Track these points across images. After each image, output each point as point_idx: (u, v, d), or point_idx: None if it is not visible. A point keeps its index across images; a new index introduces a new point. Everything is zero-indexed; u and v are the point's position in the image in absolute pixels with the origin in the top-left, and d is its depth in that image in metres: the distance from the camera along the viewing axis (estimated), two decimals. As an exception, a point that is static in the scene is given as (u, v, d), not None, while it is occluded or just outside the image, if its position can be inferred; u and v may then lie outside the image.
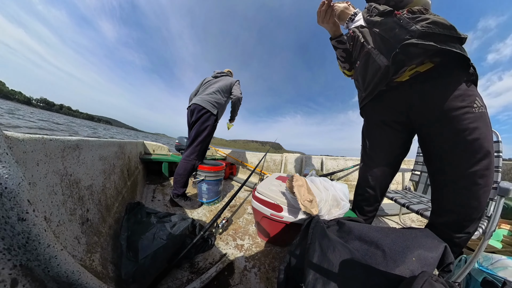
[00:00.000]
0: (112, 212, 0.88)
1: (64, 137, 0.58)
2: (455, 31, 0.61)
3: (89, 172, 0.71)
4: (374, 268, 0.50)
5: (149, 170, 2.27)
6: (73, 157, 0.61)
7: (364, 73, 0.85)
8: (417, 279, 0.38)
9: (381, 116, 0.90)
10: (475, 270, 0.72)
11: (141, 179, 1.82)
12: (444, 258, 0.54)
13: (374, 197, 1.00)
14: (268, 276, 0.91)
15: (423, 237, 0.58)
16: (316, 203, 0.92)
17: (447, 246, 0.55)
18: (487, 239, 0.69)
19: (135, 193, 1.40)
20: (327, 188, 1.02)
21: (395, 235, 0.59)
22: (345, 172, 2.55)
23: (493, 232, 0.70)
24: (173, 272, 0.84)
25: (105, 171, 0.88)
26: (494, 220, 0.70)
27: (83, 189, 0.65)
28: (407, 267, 0.48)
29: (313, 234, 0.70)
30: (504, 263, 0.71)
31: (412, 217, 1.77)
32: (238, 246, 1.10)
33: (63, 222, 0.51)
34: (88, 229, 0.63)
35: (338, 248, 0.58)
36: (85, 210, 0.64)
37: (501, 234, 1.07)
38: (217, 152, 3.42)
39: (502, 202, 0.71)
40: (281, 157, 2.91)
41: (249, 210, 1.64)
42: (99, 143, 0.83)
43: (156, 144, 2.51)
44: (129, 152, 1.46)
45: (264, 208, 1.04)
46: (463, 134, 0.62)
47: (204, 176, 1.56)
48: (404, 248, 0.54)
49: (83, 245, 0.57)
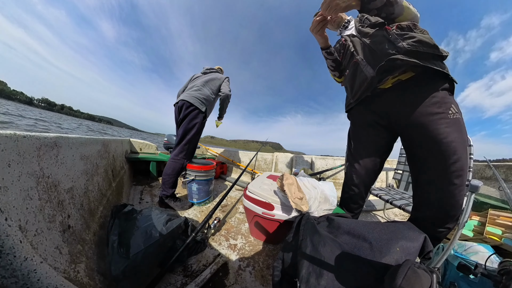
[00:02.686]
0: (96, 217, 0.83)
1: (39, 133, 0.52)
2: (437, 49, 0.68)
3: (69, 173, 0.66)
4: (363, 259, 0.53)
5: (136, 170, 2.16)
6: (50, 156, 0.55)
7: (352, 82, 0.92)
8: (401, 267, 0.40)
9: (366, 119, 0.96)
10: (451, 256, 0.82)
11: (127, 180, 1.74)
12: (425, 247, 0.58)
13: (359, 195, 1.05)
14: (263, 274, 0.91)
15: (405, 229, 0.62)
16: (306, 200, 0.94)
17: (426, 237, 0.60)
18: (460, 229, 0.78)
19: (121, 195, 1.33)
20: (315, 186, 1.05)
21: (380, 228, 0.63)
22: (333, 171, 2.64)
23: (466, 223, 0.79)
24: (166, 277, 0.81)
25: (87, 172, 0.82)
26: (466, 213, 0.80)
27: (62, 193, 0.60)
28: (392, 257, 0.52)
29: (304, 231, 0.72)
30: (475, 249, 0.81)
31: (395, 211, 1.91)
32: (231, 246, 1.09)
33: (41, 231, 0.46)
34: (70, 237, 0.58)
35: (328, 243, 0.60)
36: (66, 216, 0.59)
37: (472, 225, 1.20)
38: (207, 151, 3.36)
39: (473, 197, 0.81)
40: (272, 156, 2.94)
41: (241, 209, 1.63)
42: (80, 141, 0.77)
43: (143, 142, 2.39)
44: (113, 150, 1.38)
45: (255, 207, 1.04)
46: (439, 137, 0.67)
47: (194, 175, 1.52)
48: (389, 240, 0.57)
49: (65, 256, 0.53)
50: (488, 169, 1.88)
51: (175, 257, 0.81)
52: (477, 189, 0.84)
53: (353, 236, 0.63)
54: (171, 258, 0.80)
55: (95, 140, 0.98)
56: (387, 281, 0.41)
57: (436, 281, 0.39)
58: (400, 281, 0.38)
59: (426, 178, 0.75)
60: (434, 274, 0.40)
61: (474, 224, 1.19)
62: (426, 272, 0.40)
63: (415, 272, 0.39)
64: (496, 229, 1.05)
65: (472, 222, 1.20)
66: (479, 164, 1.99)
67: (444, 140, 0.66)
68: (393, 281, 0.39)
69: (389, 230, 0.62)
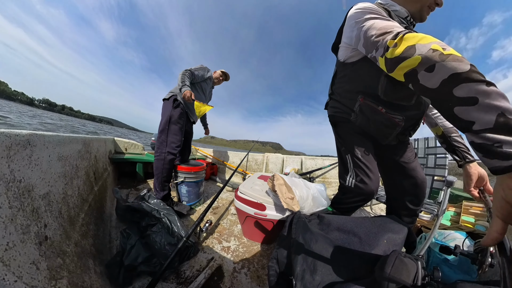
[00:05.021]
0: (77, 226, 0.76)
1: (10, 130, 0.46)
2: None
3: (45, 176, 0.59)
4: (354, 252, 0.55)
5: (120, 172, 2.03)
6: (23, 157, 0.49)
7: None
8: (389, 257, 0.43)
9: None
10: (433, 243, 0.93)
11: (111, 182, 1.63)
12: (409, 237, 0.63)
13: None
14: (259, 274, 0.91)
15: (390, 223, 0.66)
16: (297, 200, 0.96)
17: (410, 228, 0.64)
18: (439, 219, 0.88)
19: (104, 200, 1.24)
20: (308, 187, 1.07)
21: (368, 223, 0.66)
22: (323, 171, 2.72)
23: (444, 214, 0.88)
24: (159, 286, 0.77)
25: (65, 175, 0.75)
26: (443, 204, 0.91)
27: (37, 199, 0.54)
28: (381, 249, 0.54)
29: (296, 229, 0.73)
30: (453, 236, 0.93)
31: (381, 206, 2.06)
32: (224, 249, 1.07)
33: (13, 245, 0.41)
34: (49, 250, 0.52)
35: (320, 240, 0.61)
36: (42, 225, 0.53)
37: (449, 215, 1.32)
38: (197, 152, 3.29)
39: (449, 191, 0.92)
40: (263, 157, 2.95)
41: (233, 211, 1.62)
42: (57, 139, 0.69)
43: (129, 142, 2.24)
44: (95, 150, 1.28)
45: (247, 207, 1.04)
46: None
47: (183, 177, 1.48)
48: (376, 233, 0.61)
49: (44, 271, 0.47)
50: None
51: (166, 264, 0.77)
52: (452, 184, 0.96)
53: (343, 231, 0.65)
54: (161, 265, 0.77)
55: (74, 139, 0.89)
56: (377, 271, 0.43)
57: (421, 267, 0.41)
58: (389, 270, 0.40)
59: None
60: (419, 261, 0.42)
61: (451, 214, 1.32)
62: (412, 260, 0.42)
63: (402, 261, 0.41)
64: (470, 218, 1.17)
65: (449, 213, 1.33)
66: (453, 162, 2.17)
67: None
68: (382, 270, 0.41)
69: (376, 224, 0.65)
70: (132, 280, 0.78)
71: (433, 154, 1.30)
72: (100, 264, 0.76)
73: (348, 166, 0.87)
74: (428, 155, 1.33)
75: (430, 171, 1.28)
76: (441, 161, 1.24)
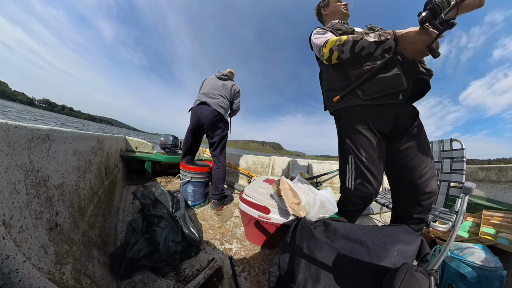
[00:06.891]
0: (86, 216, 0.79)
1: (32, 125, 0.50)
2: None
3: (60, 168, 0.63)
4: (360, 263, 0.52)
5: (130, 169, 2.11)
6: (42, 149, 0.53)
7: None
8: (399, 271, 0.40)
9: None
10: (448, 257, 0.83)
11: (121, 178, 1.69)
12: (421, 249, 0.58)
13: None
14: (259, 279, 0.89)
15: (402, 233, 0.62)
16: (303, 206, 0.93)
17: (423, 239, 0.60)
18: (456, 230, 0.79)
19: (113, 195, 1.29)
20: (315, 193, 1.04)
21: (377, 232, 0.62)
22: (330, 175, 2.64)
23: (461, 224, 0.80)
24: (158, 282, 0.78)
25: (79, 168, 0.79)
26: (461, 214, 0.81)
27: (52, 188, 0.57)
28: (390, 261, 0.51)
29: (301, 236, 0.71)
30: (471, 250, 0.83)
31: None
32: (226, 250, 1.06)
33: (26, 228, 0.44)
34: (58, 236, 0.55)
35: (325, 248, 0.59)
36: (54, 213, 0.56)
37: (467, 226, 1.20)
38: (204, 153, 3.33)
39: (467, 198, 0.82)
40: (268, 160, 2.93)
41: (237, 213, 1.61)
42: (74, 135, 0.74)
43: (139, 141, 2.34)
44: (108, 147, 1.34)
45: (252, 210, 1.03)
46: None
47: (190, 177, 1.50)
48: (386, 243, 0.57)
49: (51, 255, 0.49)
50: (480, 171, 1.92)
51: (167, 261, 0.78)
52: (471, 191, 0.85)
53: (350, 240, 0.62)
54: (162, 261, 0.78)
55: (89, 136, 0.95)
56: (385, 285, 0.40)
57: (434, 283, 0.38)
58: (399, 285, 0.37)
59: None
60: (432, 276, 0.39)
61: (469, 225, 1.20)
62: (424, 275, 0.39)
63: (413, 275, 0.38)
64: (491, 229, 1.06)
65: (467, 224, 1.21)
66: (472, 167, 2.02)
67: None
68: (391, 284, 0.38)
69: (386, 234, 0.61)
70: (132, 273, 0.79)
71: (448, 158, 1.17)
72: (104, 255, 0.79)
73: (349, 167, 0.84)
74: (444, 159, 1.20)
75: (446, 177, 1.14)
76: (458, 166, 1.10)
